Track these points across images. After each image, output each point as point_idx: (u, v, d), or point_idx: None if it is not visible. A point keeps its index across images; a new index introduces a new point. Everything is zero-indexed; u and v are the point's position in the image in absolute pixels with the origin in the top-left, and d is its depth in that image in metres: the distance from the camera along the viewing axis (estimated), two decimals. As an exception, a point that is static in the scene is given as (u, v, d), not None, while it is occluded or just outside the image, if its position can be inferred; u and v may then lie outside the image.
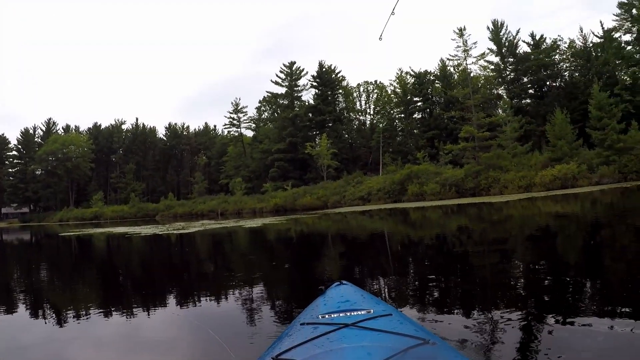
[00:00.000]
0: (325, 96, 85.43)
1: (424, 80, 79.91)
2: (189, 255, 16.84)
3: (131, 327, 6.09)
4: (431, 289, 7.20)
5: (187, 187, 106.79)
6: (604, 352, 3.89)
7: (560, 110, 47.73)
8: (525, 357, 3.91)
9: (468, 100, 52.04)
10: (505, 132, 51.01)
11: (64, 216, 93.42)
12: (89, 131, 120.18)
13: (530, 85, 69.60)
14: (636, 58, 58.33)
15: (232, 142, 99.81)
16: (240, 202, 72.01)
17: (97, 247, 24.77)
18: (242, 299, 7.39)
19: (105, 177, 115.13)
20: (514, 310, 5.11)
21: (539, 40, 68.49)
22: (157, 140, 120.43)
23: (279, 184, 75.08)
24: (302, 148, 76.50)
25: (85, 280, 12.02)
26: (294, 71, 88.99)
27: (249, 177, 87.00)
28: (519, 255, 10.12)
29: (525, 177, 41.94)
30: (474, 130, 48.21)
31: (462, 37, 54.08)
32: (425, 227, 21.34)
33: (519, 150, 49.28)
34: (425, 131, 75.50)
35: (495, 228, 17.34)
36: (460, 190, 46.16)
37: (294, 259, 13.07)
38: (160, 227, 37.17)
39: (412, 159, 63.89)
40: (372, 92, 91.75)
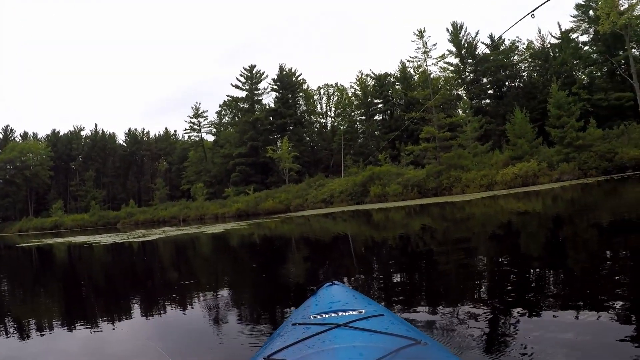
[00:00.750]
0: (285, 99, 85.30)
1: (385, 82, 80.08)
2: (148, 264, 16.45)
3: (96, 340, 5.99)
4: (397, 289, 7.29)
5: (148, 194, 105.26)
6: (572, 342, 4.01)
7: (519, 110, 48.17)
8: (495, 351, 4.00)
9: (428, 101, 52.18)
10: (466, 132, 51.30)
11: (23, 226, 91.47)
12: (47, 138, 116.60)
13: (489, 85, 70.23)
14: (593, 58, 59.44)
15: (192, 147, 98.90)
16: (202, 208, 71.56)
17: (56, 258, 24.41)
18: (205, 308, 7.33)
19: (64, 185, 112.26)
20: (480, 306, 5.30)
21: (497, 41, 69.00)
22: (117, 146, 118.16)
23: (240, 189, 74.48)
24: (264, 152, 76.10)
25: (45, 292, 11.72)
26: (254, 75, 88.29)
27: (210, 182, 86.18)
28: (483, 253, 10.23)
29: (486, 175, 42.18)
30: (435, 131, 48.34)
31: (422, 38, 54.25)
32: (388, 228, 21.35)
33: (479, 149, 49.78)
34: (386, 133, 75.32)
35: (458, 227, 17.43)
36: (423, 190, 46.13)
37: (257, 265, 12.95)
38: (120, 235, 36.75)
39: (373, 160, 63.68)
40: (332, 95, 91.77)
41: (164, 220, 72.78)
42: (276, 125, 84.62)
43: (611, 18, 42.60)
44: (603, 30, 44.48)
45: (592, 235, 10.81)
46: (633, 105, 49.15)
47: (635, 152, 36.95)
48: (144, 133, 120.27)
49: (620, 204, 18.09)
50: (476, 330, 4.59)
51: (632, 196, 20.79)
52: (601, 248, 8.96)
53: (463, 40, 70.97)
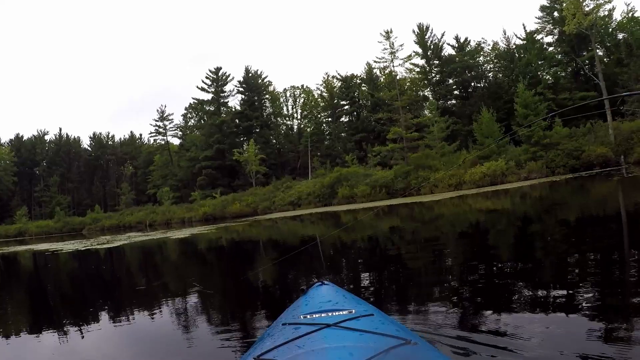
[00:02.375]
0: (252, 102, 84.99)
1: (351, 83, 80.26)
2: (110, 272, 16.18)
3: (64, 348, 5.92)
4: (366, 290, 7.28)
5: (114, 199, 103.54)
6: (543, 337, 4.15)
7: (486, 110, 48.35)
8: (480, 349, 4.04)
9: (396, 102, 52.24)
10: (433, 133, 51.34)
11: None
12: (10, 143, 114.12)
13: (455, 86, 70.64)
14: (557, 58, 60.22)
15: (158, 150, 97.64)
16: (168, 212, 70.75)
17: (18, 267, 24.02)
18: (174, 314, 7.36)
19: (29, 191, 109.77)
20: (467, 308, 5.37)
21: (463, 42, 69.97)
22: (82, 150, 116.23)
23: (207, 192, 74.05)
24: (230, 155, 75.64)
25: (10, 301, 11.73)
26: (220, 77, 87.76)
27: (177, 186, 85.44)
28: (453, 252, 10.32)
29: (454, 175, 42.12)
30: (402, 132, 48.44)
31: (389, 39, 54.38)
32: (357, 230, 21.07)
33: (446, 149, 49.79)
34: (353, 134, 75.75)
35: (427, 227, 17.48)
36: (391, 191, 46.14)
37: (225, 269, 13.23)
38: (84, 242, 36.13)
39: (340, 162, 63.78)
40: (298, 97, 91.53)
41: (130, 225, 71.89)
42: (242, 128, 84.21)
43: (577, 18, 42.94)
44: (569, 31, 44.81)
45: (560, 231, 10.95)
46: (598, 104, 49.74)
47: (602, 150, 37.37)
48: (109, 137, 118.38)
49: (587, 201, 18.47)
50: (465, 330, 4.59)
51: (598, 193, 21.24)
52: (568, 244, 9.14)
53: (429, 42, 71.12)
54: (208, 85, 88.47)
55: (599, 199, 17.86)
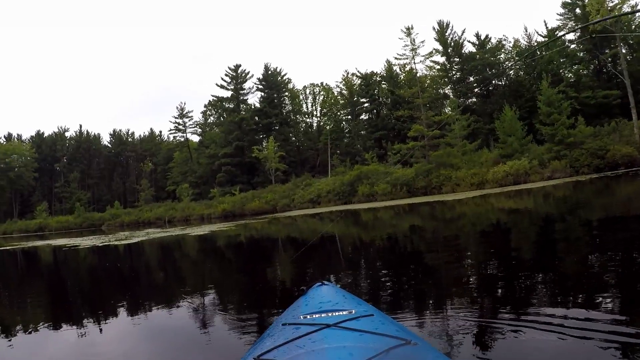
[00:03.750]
0: (271, 99, 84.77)
1: (371, 81, 79.84)
2: (129, 267, 16.20)
3: (83, 342, 5.95)
4: (384, 290, 7.21)
5: (133, 195, 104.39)
6: (560, 346, 3.94)
7: (509, 107, 47.82)
8: (484, 351, 4.04)
9: (417, 99, 51.83)
10: (454, 131, 50.85)
11: (7, 229, 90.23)
12: (31, 140, 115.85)
13: (476, 84, 69.82)
14: (580, 56, 59.29)
15: (178, 147, 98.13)
16: (187, 209, 70.88)
17: (37, 261, 24.14)
18: (191, 310, 7.27)
19: (49, 187, 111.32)
20: (468, 309, 5.28)
21: (484, 40, 69.02)
22: (102, 147, 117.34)
23: (226, 189, 74.06)
24: (249, 152, 75.61)
25: (30, 295, 11.70)
26: (239, 74, 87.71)
27: (196, 183, 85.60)
28: (473, 252, 10.16)
29: (477, 174, 41.84)
30: (423, 129, 47.94)
31: (410, 35, 53.91)
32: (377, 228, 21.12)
33: (468, 148, 49.26)
34: (372, 132, 75.44)
35: (447, 226, 17.26)
36: (412, 189, 45.79)
37: (244, 266, 13.01)
38: (102, 237, 36.22)
39: (360, 160, 63.42)
40: (318, 94, 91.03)
41: (149, 221, 72.24)
42: (262, 125, 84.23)
43: (601, 14, 42.26)
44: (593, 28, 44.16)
45: (584, 233, 10.72)
46: (620, 103, 49.08)
47: (627, 150, 36.86)
48: (129, 134, 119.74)
49: (612, 201, 18.09)
50: (465, 330, 4.58)
51: (624, 194, 20.87)
52: (592, 247, 8.88)
53: (449, 39, 70.46)
54: (227, 82, 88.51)
55: (624, 200, 17.51)
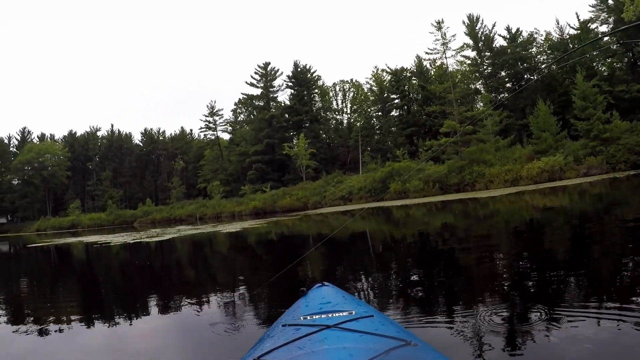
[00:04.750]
0: (301, 96, 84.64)
1: (401, 77, 79.15)
2: (160, 264, 16.39)
3: (113, 336, 6.07)
4: (414, 289, 7.17)
5: (165, 193, 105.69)
6: (591, 349, 3.82)
7: (543, 102, 47.07)
8: (510, 357, 3.90)
9: (448, 94, 51.37)
10: (486, 127, 50.23)
11: (41, 226, 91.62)
12: (64, 139, 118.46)
13: (507, 79, 68.79)
14: (613, 49, 58.06)
15: (208, 145, 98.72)
16: (218, 206, 71.28)
17: (68, 258, 24.42)
18: (222, 305, 7.35)
19: (82, 185, 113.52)
20: (499, 309, 5.13)
21: (515, 33, 67.99)
22: (134, 146, 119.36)
23: (257, 187, 74.19)
24: (280, 149, 75.70)
25: (60, 291, 12.03)
26: (269, 72, 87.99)
27: (227, 180, 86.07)
28: (505, 252, 9.97)
29: (510, 170, 41.25)
30: (456, 125, 47.43)
31: (440, 30, 53.47)
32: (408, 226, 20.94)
33: (501, 143, 48.62)
34: (403, 128, 74.85)
35: (480, 224, 16.99)
36: (444, 186, 45.34)
37: (274, 263, 13.04)
38: (134, 234, 36.52)
39: (391, 156, 62.99)
40: (348, 91, 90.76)
41: (180, 218, 72.73)
42: (292, 123, 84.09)
43: (636, 4, 41.28)
44: (628, 18, 43.05)
45: (620, 232, 10.40)
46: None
47: (666, 146, 36.05)
48: (160, 132, 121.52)
49: None
50: (489, 336, 4.40)
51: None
52: (628, 247, 8.58)
53: (480, 33, 69.63)
54: (257, 80, 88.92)
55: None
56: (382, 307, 5.93)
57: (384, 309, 5.82)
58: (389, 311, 5.61)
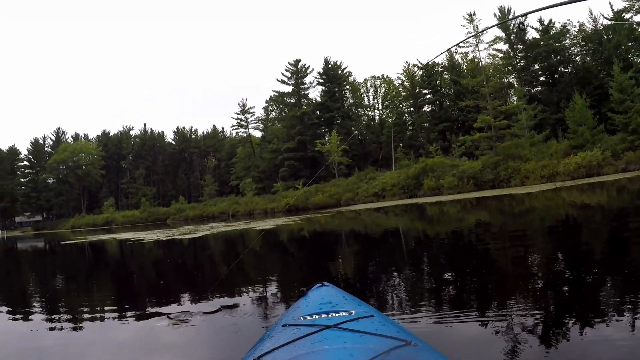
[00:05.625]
0: (332, 93, 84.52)
1: (432, 71, 78.26)
2: (193, 260, 16.73)
3: (146, 331, 6.16)
4: (447, 289, 7.04)
5: (197, 190, 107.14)
6: (626, 351, 3.67)
7: (579, 95, 46.18)
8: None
9: (482, 88, 50.76)
10: (521, 121, 49.52)
11: (76, 223, 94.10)
12: (98, 139, 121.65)
13: (541, 72, 67.70)
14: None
15: (240, 143, 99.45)
16: (251, 203, 71.91)
17: (103, 254, 24.99)
18: (252, 304, 7.33)
19: (116, 183, 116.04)
20: (531, 311, 4.98)
21: (547, 25, 66.42)
22: (166, 144, 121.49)
23: (289, 184, 74.59)
24: (312, 146, 75.72)
25: (92, 286, 12.50)
26: (299, 69, 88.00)
27: (259, 177, 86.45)
28: (538, 250, 9.76)
29: (547, 166, 40.53)
30: (491, 119, 46.71)
31: (472, 22, 52.89)
32: (442, 223, 20.86)
33: (536, 138, 47.93)
34: (436, 124, 74.21)
35: (515, 221, 16.70)
36: (479, 182, 44.92)
37: (307, 260, 13.15)
38: (167, 231, 36.89)
39: (424, 152, 62.51)
40: (379, 87, 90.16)
41: (213, 215, 73.69)
42: (324, 119, 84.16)
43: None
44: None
45: None
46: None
47: None
48: (192, 131, 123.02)
49: None
50: (521, 339, 4.19)
51: None
52: None
53: (511, 25, 68.35)
54: (288, 77, 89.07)
55: None
56: (403, 305, 6.06)
57: (406, 307, 5.93)
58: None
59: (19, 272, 19.51)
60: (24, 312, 8.55)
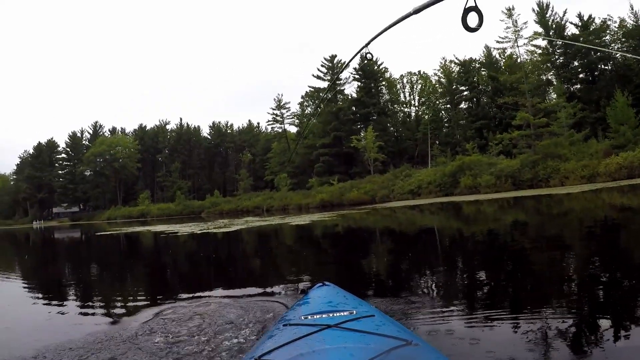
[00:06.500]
0: (368, 89, 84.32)
1: (470, 68, 77.51)
2: (227, 254, 16.81)
3: (179, 320, 6.13)
4: (480, 289, 7.02)
5: (232, 184, 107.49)
6: None
7: (621, 93, 45.23)
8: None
9: (521, 85, 50.02)
10: (560, 119, 48.73)
11: (111, 214, 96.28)
12: (134, 132, 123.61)
13: (580, 69, 66.36)
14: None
15: (275, 138, 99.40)
16: (285, 198, 72.00)
17: (138, 246, 25.68)
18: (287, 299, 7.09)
19: (151, 176, 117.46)
20: (566, 316, 4.85)
21: (587, 20, 65.03)
22: (202, 139, 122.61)
23: (324, 179, 74.55)
24: (347, 142, 75.64)
25: (126, 276, 12.89)
26: (335, 65, 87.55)
27: (294, 172, 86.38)
28: (574, 254, 9.44)
29: (587, 166, 39.72)
30: (530, 117, 45.98)
31: (511, 17, 52.13)
32: (478, 222, 20.70)
33: (575, 137, 47.04)
34: (473, 121, 73.17)
35: (553, 222, 16.36)
36: (517, 181, 44.22)
37: (341, 256, 13.11)
38: (201, 225, 37.10)
39: (460, 150, 61.98)
40: (416, 83, 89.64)
41: (247, 210, 73.89)
42: (359, 115, 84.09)
43: None
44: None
45: None
46: None
47: None
48: (228, 126, 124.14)
49: None
50: (556, 344, 4.08)
51: None
52: None
53: (550, 21, 67.25)
54: (324, 73, 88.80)
55: None
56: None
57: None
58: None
59: (55, 261, 20.23)
60: (59, 302, 8.84)
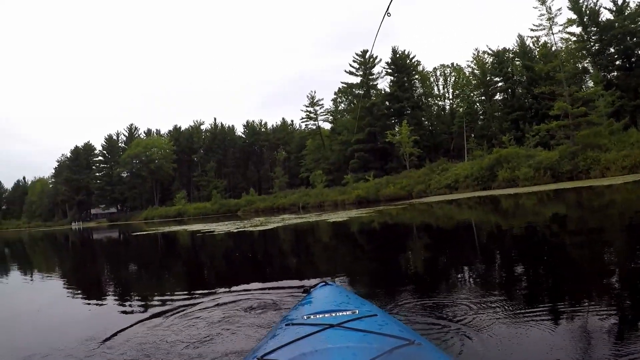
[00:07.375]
0: (401, 83, 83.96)
1: (503, 58, 76.32)
2: (263, 252, 16.72)
3: (215, 316, 6.25)
4: (520, 283, 6.95)
5: (267, 182, 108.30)
6: None
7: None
8: None
9: (558, 74, 49.14)
10: (598, 108, 47.78)
11: (149, 215, 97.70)
12: (169, 133, 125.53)
13: (617, 55, 64.57)
14: None
15: (310, 135, 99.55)
16: (321, 195, 71.93)
17: (175, 244, 25.97)
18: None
19: (187, 176, 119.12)
20: (602, 312, 4.72)
21: (622, 5, 63.39)
22: (236, 138, 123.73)
23: (360, 175, 74.38)
24: (382, 137, 75.38)
25: (163, 275, 12.84)
26: (367, 59, 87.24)
27: (329, 169, 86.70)
28: (619, 249, 8.94)
29: (628, 156, 38.60)
30: (568, 106, 45.08)
31: (545, 3, 51.15)
32: (517, 216, 20.34)
33: (615, 127, 46.04)
34: (508, 113, 72.23)
35: (593, 216, 15.86)
36: (556, 174, 43.30)
37: (377, 253, 13.01)
38: (238, 223, 37.25)
39: (496, 142, 61.26)
40: (449, 76, 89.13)
41: (283, 207, 74.10)
42: (393, 110, 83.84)
43: None
44: None
45: None
46: None
47: None
48: (262, 124, 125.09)
49: None
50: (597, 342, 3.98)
51: None
52: None
53: (584, 7, 65.81)
54: (356, 68, 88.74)
55: None
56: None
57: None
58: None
59: (94, 261, 20.80)
60: (98, 299, 9.29)
